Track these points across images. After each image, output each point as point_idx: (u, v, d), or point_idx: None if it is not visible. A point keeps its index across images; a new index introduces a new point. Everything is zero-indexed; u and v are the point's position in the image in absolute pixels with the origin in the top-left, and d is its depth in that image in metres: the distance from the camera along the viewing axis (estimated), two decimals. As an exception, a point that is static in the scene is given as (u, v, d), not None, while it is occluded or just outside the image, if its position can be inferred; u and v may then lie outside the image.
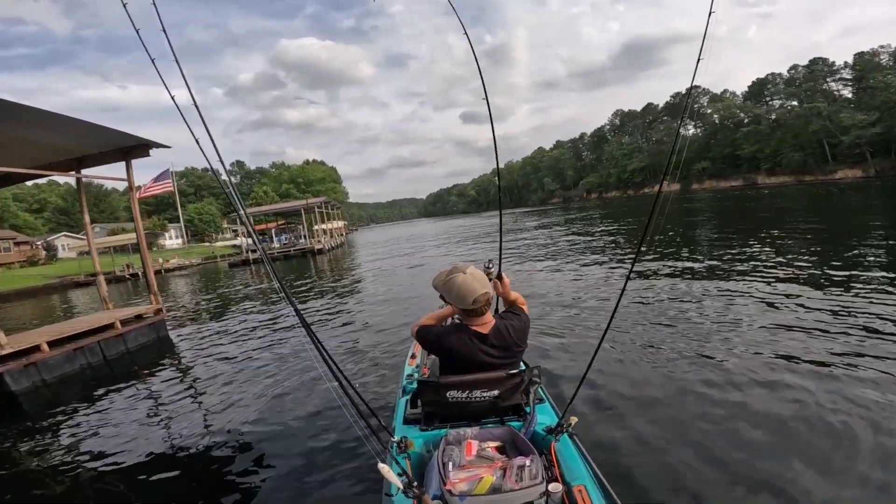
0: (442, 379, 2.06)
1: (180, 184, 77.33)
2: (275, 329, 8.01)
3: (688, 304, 6.24)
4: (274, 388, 4.91)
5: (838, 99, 61.81)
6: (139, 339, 7.50)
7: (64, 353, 6.27)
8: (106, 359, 6.84)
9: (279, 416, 4.14)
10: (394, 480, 1.54)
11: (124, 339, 7.19)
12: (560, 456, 1.82)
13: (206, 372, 6.01)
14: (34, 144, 6.85)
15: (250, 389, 5.01)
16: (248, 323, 9.02)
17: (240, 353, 6.65)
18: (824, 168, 57.52)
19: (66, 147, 7.33)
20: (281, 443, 3.63)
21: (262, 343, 7.11)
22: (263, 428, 3.95)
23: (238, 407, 4.55)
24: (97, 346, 6.73)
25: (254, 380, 5.33)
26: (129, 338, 7.29)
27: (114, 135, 7.15)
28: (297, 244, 36.73)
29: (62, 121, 6.20)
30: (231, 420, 4.24)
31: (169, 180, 42.40)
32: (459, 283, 2.05)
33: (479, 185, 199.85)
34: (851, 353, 3.98)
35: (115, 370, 6.59)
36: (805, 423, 2.99)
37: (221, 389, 5.18)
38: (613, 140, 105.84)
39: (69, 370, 6.33)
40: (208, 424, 4.27)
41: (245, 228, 2.70)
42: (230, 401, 4.75)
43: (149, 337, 7.72)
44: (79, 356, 6.47)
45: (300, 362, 5.62)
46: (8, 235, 48.83)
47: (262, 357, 6.26)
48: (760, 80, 74.96)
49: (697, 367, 4.07)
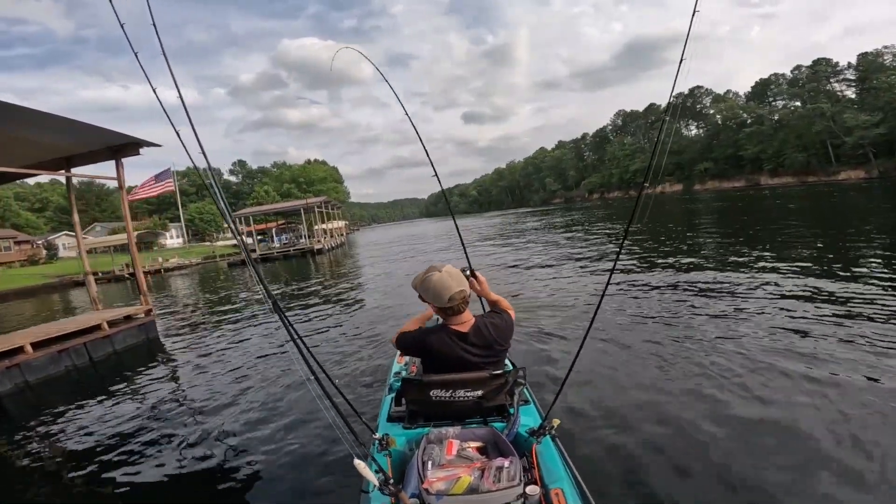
0: (426, 377, 2.07)
1: (182, 183, 77.22)
2: (265, 330, 7.94)
3: (675, 307, 6.19)
4: (260, 387, 4.90)
5: (842, 99, 61.56)
6: (127, 340, 7.39)
7: (48, 354, 6.17)
8: (92, 360, 6.74)
9: (262, 415, 4.12)
10: (370, 477, 1.53)
11: (111, 341, 7.08)
12: (541, 458, 1.81)
13: (193, 372, 5.98)
14: (22, 143, 6.76)
15: (235, 389, 4.98)
16: (239, 323, 8.96)
17: (228, 354, 6.61)
18: (827, 169, 57.22)
19: (54, 146, 7.24)
20: (263, 441, 3.61)
21: (251, 343, 7.09)
22: (246, 426, 3.95)
23: (222, 407, 4.51)
24: (83, 348, 6.63)
25: (240, 380, 5.29)
26: (117, 339, 7.18)
27: (103, 133, 7.05)
28: (297, 244, 36.69)
29: (50, 119, 6.11)
30: (213, 421, 4.20)
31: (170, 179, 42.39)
32: (435, 281, 2.05)
33: (481, 185, 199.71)
34: (845, 360, 3.88)
35: (101, 372, 6.49)
36: (792, 429, 2.95)
37: (206, 389, 5.14)
38: (616, 140, 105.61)
39: (54, 372, 6.23)
40: (191, 424, 4.22)
41: (234, 229, 2.59)
42: (214, 401, 4.70)
43: (137, 338, 7.61)
44: (64, 358, 6.37)
45: (289, 362, 5.55)
46: (8, 234, 48.84)
47: (249, 357, 6.22)
48: (764, 80, 74.71)
49: (683, 371, 4.04)
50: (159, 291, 20.26)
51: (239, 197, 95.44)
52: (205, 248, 54.03)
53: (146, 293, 7.89)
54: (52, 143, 7.08)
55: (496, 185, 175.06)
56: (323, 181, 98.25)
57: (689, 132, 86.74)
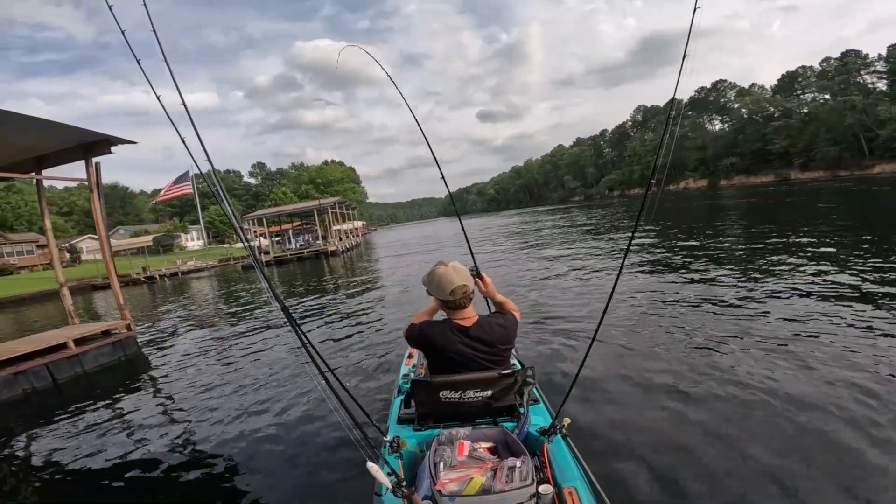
0: (435, 379, 2.04)
1: (203, 186, 78.19)
2: (268, 336, 7.70)
3: (690, 306, 6.01)
4: (265, 392, 4.81)
5: (873, 92, 58.54)
6: (99, 359, 6.68)
7: (1, 377, 5.52)
8: (56, 383, 6.06)
9: (270, 421, 4.02)
10: (383, 480, 1.53)
11: (80, 360, 6.39)
12: (552, 457, 1.80)
13: (183, 388, 5.51)
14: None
15: (235, 399, 4.78)
16: (242, 328, 8.82)
17: (226, 363, 6.32)
18: (860, 163, 54.33)
19: (23, 146, 6.67)
20: (273, 445, 3.57)
21: (253, 348, 6.88)
22: (252, 432, 3.86)
23: (215, 424, 4.21)
24: (44, 369, 5.96)
25: (243, 387, 5.10)
26: (87, 358, 6.49)
27: (72, 131, 6.43)
28: (312, 245, 36.31)
29: (15, 119, 5.61)
30: (206, 432, 4.03)
31: (187, 182, 43.09)
32: (440, 274, 2.10)
33: (499, 183, 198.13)
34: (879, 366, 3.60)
35: (65, 395, 5.82)
36: (808, 433, 2.86)
37: (192, 406, 4.82)
38: (636, 136, 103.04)
39: (7, 396, 5.57)
40: (181, 442, 3.95)
41: (241, 234, 2.45)
42: (205, 417, 4.42)
43: (112, 357, 6.90)
44: (21, 380, 5.71)
45: (292, 366, 5.55)
46: (30, 238, 49.81)
47: (251, 363, 6.06)
48: (791, 73, 71.77)
49: (696, 371, 3.95)
50: (179, 295, 19.93)
51: (258, 198, 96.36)
52: (222, 251, 54.20)
53: (123, 307, 7.20)
54: (21, 143, 6.52)
55: (514, 184, 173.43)
56: (340, 182, 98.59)
57: (712, 127, 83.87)
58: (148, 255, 40.57)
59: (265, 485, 3.05)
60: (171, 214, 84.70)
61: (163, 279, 32.36)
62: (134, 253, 40.87)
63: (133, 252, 40.56)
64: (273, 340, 7.27)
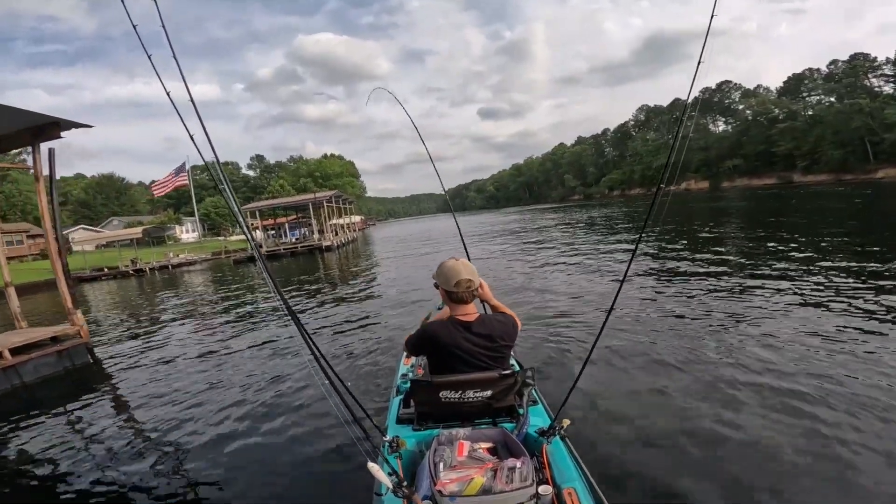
0: (435, 379, 2.03)
1: (202, 177, 77.19)
2: (263, 332, 7.45)
3: (691, 309, 5.98)
4: (262, 396, 4.57)
5: (880, 95, 57.83)
6: (41, 370, 5.94)
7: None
8: (-14, 399, 5.33)
9: (268, 421, 3.94)
10: (383, 480, 1.53)
11: (17, 372, 5.65)
12: (551, 458, 1.80)
13: (146, 396, 5.06)
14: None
15: (226, 398, 4.59)
16: (230, 329, 8.34)
17: (213, 364, 5.98)
18: (865, 167, 53.71)
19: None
20: (271, 444, 3.53)
21: (237, 349, 6.64)
22: (251, 432, 3.78)
23: (191, 434, 3.92)
24: (-29, 384, 5.22)
25: (232, 392, 4.84)
26: (27, 369, 5.74)
27: (17, 114, 5.68)
28: (307, 240, 35.51)
29: None
30: (187, 443, 3.77)
31: (184, 174, 41.74)
32: (448, 266, 2.17)
33: (498, 181, 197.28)
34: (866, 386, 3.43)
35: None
36: (805, 439, 2.82)
37: (163, 414, 4.44)
38: (638, 136, 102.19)
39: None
40: (156, 459, 3.63)
41: (244, 228, 2.16)
42: (180, 425, 4.11)
43: (58, 367, 6.16)
44: (-59, 398, 4.98)
45: (291, 365, 5.44)
46: (21, 228, 48.81)
47: (232, 368, 5.72)
48: (797, 75, 71.07)
49: (695, 373, 3.94)
50: (171, 289, 19.33)
51: (256, 191, 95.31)
52: (217, 244, 53.32)
53: (73, 310, 6.42)
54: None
55: (514, 181, 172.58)
56: (339, 176, 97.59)
57: (716, 128, 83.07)
58: (139, 248, 39.63)
59: (265, 485, 3.02)
60: (167, 206, 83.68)
61: (153, 272, 31.52)
62: (125, 245, 40.02)
63: (125, 244, 39.70)
64: (263, 339, 7.03)
